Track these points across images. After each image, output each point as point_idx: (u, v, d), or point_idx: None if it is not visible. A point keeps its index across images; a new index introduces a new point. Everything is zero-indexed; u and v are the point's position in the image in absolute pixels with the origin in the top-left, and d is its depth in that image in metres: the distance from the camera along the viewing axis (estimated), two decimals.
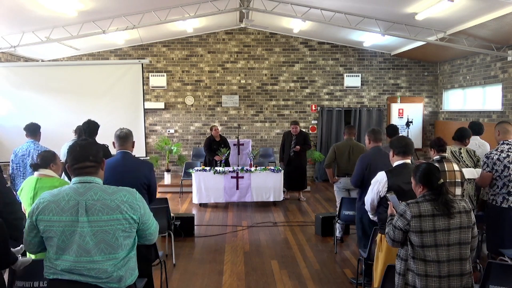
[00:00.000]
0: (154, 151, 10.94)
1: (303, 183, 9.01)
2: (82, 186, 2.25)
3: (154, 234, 2.42)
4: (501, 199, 4.47)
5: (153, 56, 11.21)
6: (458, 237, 2.65)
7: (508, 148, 4.47)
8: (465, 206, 2.71)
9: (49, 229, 2.18)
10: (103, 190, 2.26)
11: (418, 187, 2.79)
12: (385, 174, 3.53)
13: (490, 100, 9.20)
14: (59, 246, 2.18)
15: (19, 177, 5.30)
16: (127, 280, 2.26)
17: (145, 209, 2.33)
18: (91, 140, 2.24)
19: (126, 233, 2.24)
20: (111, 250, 2.19)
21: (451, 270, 2.63)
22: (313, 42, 11.41)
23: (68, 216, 2.17)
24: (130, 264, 2.29)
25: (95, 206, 2.19)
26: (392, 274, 3.05)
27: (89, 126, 5.21)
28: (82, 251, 2.16)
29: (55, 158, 3.64)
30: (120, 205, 2.22)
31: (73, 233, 2.17)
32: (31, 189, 3.41)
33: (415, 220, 2.64)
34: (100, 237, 2.18)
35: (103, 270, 2.17)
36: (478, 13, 6.97)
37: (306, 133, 9.21)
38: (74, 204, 2.19)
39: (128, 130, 3.88)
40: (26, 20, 7.35)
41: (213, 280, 4.84)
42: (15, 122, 7.33)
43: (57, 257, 2.18)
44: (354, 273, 4.95)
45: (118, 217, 2.21)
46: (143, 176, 3.70)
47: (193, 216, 6.67)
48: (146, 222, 2.33)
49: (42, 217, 2.19)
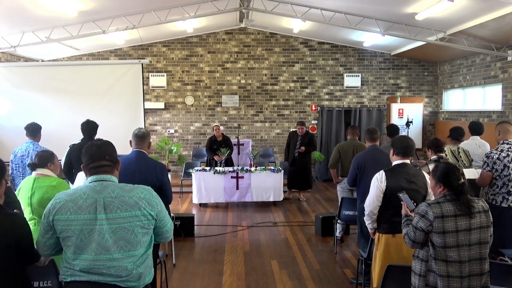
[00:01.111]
0: (154, 151, 10.94)
1: (308, 183, 8.99)
2: (99, 184, 2.25)
3: (170, 231, 2.44)
4: (501, 199, 4.48)
5: (153, 56, 11.21)
6: (479, 237, 2.64)
7: (508, 148, 4.47)
8: (483, 206, 2.71)
9: (67, 228, 2.17)
10: (120, 187, 2.27)
11: (438, 187, 2.77)
12: (384, 173, 3.53)
13: (490, 100, 9.20)
14: (78, 245, 2.16)
15: (19, 178, 5.30)
16: (146, 278, 2.26)
17: (161, 206, 2.35)
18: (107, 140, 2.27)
19: (144, 230, 2.24)
20: (130, 247, 2.19)
21: (472, 270, 2.62)
22: (313, 42, 11.41)
23: (86, 214, 2.17)
24: (148, 262, 2.30)
25: (113, 203, 2.20)
26: (392, 274, 3.05)
27: (88, 126, 5.22)
28: (101, 249, 2.15)
29: (53, 158, 3.63)
30: (139, 202, 2.23)
31: (91, 231, 2.16)
32: (28, 188, 3.41)
33: (438, 220, 2.62)
34: (119, 234, 2.18)
35: (123, 268, 2.16)
36: (478, 13, 6.97)
37: (312, 134, 9.19)
38: (92, 202, 2.19)
39: (146, 130, 3.92)
40: (26, 20, 7.35)
41: (213, 280, 4.84)
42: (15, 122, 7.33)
43: (75, 257, 2.17)
44: (354, 273, 4.95)
45: (137, 214, 2.21)
46: (155, 177, 3.67)
47: (193, 216, 6.67)
48: (163, 219, 2.35)
49: (59, 216, 2.18)
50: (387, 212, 3.49)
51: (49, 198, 3.03)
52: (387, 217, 3.48)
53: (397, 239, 3.38)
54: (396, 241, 3.40)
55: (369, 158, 4.67)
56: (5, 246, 2.26)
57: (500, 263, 3.24)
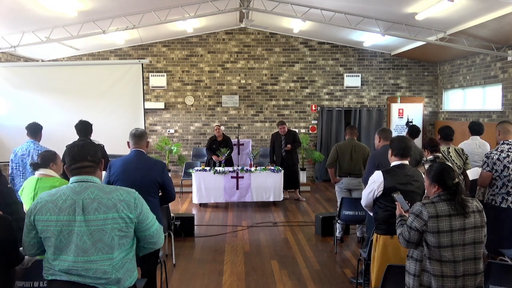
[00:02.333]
0: (154, 151, 10.94)
1: (296, 182, 9.02)
2: (79, 185, 2.25)
3: (155, 236, 2.36)
4: (500, 199, 4.48)
5: (153, 56, 11.21)
6: (473, 237, 2.65)
7: (508, 148, 4.47)
8: (477, 206, 2.72)
9: (46, 229, 2.18)
10: (100, 189, 2.25)
11: (432, 187, 2.77)
12: (381, 173, 3.53)
13: (490, 100, 9.20)
14: (57, 246, 2.17)
15: (19, 177, 5.30)
16: (125, 282, 2.24)
17: (142, 209, 2.30)
18: (90, 141, 2.26)
19: (122, 233, 2.21)
20: (108, 250, 2.18)
21: (466, 269, 2.63)
22: (313, 42, 11.41)
23: (65, 215, 2.17)
24: (129, 266, 2.27)
25: (91, 205, 2.18)
26: (393, 274, 3.05)
27: (83, 127, 5.24)
28: (79, 251, 2.15)
29: (56, 158, 3.64)
30: (117, 204, 2.21)
31: (70, 232, 2.16)
32: (31, 189, 3.41)
33: (432, 220, 2.63)
34: (97, 236, 2.16)
35: (101, 271, 2.16)
36: (478, 13, 6.97)
37: (294, 131, 9.26)
38: (71, 203, 2.18)
39: (143, 130, 3.94)
40: (26, 20, 7.35)
41: (213, 280, 4.84)
42: (15, 122, 7.33)
43: (55, 257, 2.18)
44: (354, 273, 4.95)
45: (114, 216, 2.19)
46: (156, 175, 3.70)
47: (193, 216, 6.67)
48: (144, 221, 2.29)
49: (39, 217, 2.19)
50: (385, 213, 3.49)
51: None
52: (385, 219, 3.47)
53: (395, 241, 3.37)
54: (394, 242, 3.40)
55: (386, 157, 4.64)
56: None
57: (500, 263, 3.24)
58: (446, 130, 5.19)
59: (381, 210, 3.53)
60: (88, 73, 8.09)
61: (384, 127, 5.09)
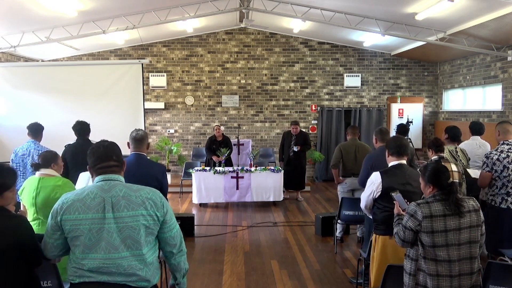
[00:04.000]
0: (154, 151, 10.94)
1: (301, 183, 9.02)
2: (107, 183, 2.26)
3: (175, 238, 2.37)
4: (500, 200, 4.48)
5: (153, 56, 11.21)
6: (468, 236, 2.65)
7: (508, 149, 4.46)
8: (474, 205, 2.72)
9: (75, 228, 2.18)
10: (127, 187, 2.28)
11: (427, 187, 2.77)
12: (379, 174, 3.52)
13: (490, 100, 9.20)
14: (86, 244, 2.17)
15: (19, 177, 5.29)
16: (154, 278, 2.27)
17: (168, 209, 2.33)
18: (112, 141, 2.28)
19: (149, 230, 2.24)
20: (138, 246, 2.19)
21: (462, 269, 2.63)
22: (313, 42, 11.41)
23: (95, 213, 2.18)
24: (156, 263, 2.31)
25: (120, 202, 2.20)
26: (393, 274, 3.05)
27: (81, 127, 5.27)
28: (110, 248, 2.16)
29: (57, 158, 3.64)
30: (145, 201, 2.24)
31: (100, 230, 2.17)
32: (33, 188, 3.41)
33: (426, 220, 2.63)
34: (126, 233, 2.18)
35: (132, 266, 2.17)
36: (478, 13, 6.97)
37: (306, 133, 9.21)
38: (100, 201, 2.20)
39: (144, 132, 3.88)
40: (26, 20, 7.35)
41: (213, 280, 4.84)
42: (15, 122, 7.34)
43: (84, 256, 2.17)
44: (354, 273, 4.95)
45: (143, 213, 2.22)
46: (155, 179, 3.68)
47: (193, 216, 6.68)
48: (169, 221, 2.33)
49: (67, 216, 2.19)
50: (384, 213, 3.49)
51: (56, 197, 3.04)
52: (384, 219, 3.47)
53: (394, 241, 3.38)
54: (393, 243, 3.39)
55: (381, 159, 4.63)
56: (5, 246, 2.26)
57: (500, 263, 3.24)
58: (455, 130, 5.17)
59: (379, 211, 3.53)
60: (88, 73, 8.09)
61: (381, 128, 5.05)
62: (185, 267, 2.47)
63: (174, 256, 2.40)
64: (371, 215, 3.70)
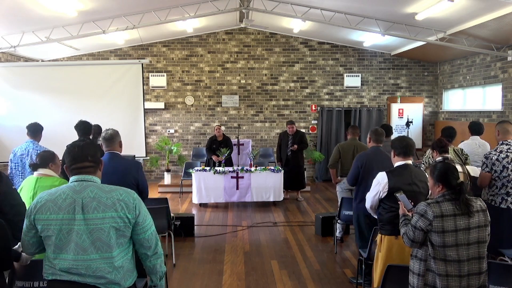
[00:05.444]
0: (154, 151, 10.95)
1: (301, 182, 9.02)
2: (79, 184, 2.25)
3: (150, 240, 2.31)
4: (500, 200, 4.47)
5: (153, 56, 11.21)
6: (477, 236, 2.65)
7: (507, 149, 4.46)
8: (481, 205, 2.72)
9: (47, 227, 2.19)
10: (100, 188, 2.26)
11: (436, 186, 2.77)
12: (385, 174, 3.52)
13: (490, 100, 9.20)
14: (57, 244, 2.18)
15: (18, 177, 5.31)
16: (126, 281, 2.25)
17: (140, 210, 2.29)
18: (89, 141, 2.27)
19: (119, 232, 2.22)
20: (107, 248, 2.18)
21: (471, 269, 2.63)
22: (313, 42, 11.41)
23: (65, 214, 2.18)
24: (128, 266, 2.28)
25: (91, 204, 2.19)
26: (392, 274, 3.05)
27: (84, 127, 5.28)
28: (79, 249, 2.16)
29: (55, 158, 3.64)
30: (116, 203, 2.22)
31: (70, 231, 2.17)
32: (30, 188, 3.41)
33: (437, 220, 2.63)
34: (96, 235, 2.17)
35: (101, 269, 2.16)
36: (478, 13, 6.97)
37: (303, 133, 9.22)
38: (70, 202, 2.19)
39: (114, 130, 3.90)
40: (26, 20, 7.35)
41: (213, 280, 4.84)
42: (15, 122, 7.35)
43: (55, 256, 2.18)
44: (354, 273, 4.95)
45: (113, 215, 2.20)
46: (132, 177, 3.76)
47: (193, 216, 6.67)
48: (141, 223, 2.28)
49: (39, 216, 2.20)
50: (389, 214, 3.49)
51: None
52: (390, 219, 3.47)
53: (400, 241, 3.37)
54: (399, 243, 3.40)
55: (372, 158, 4.63)
56: None
57: (500, 263, 3.24)
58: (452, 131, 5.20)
59: (385, 211, 3.53)
60: (88, 73, 8.10)
61: (377, 127, 5.02)
62: (162, 270, 2.42)
63: (149, 258, 2.35)
64: (376, 215, 3.70)
